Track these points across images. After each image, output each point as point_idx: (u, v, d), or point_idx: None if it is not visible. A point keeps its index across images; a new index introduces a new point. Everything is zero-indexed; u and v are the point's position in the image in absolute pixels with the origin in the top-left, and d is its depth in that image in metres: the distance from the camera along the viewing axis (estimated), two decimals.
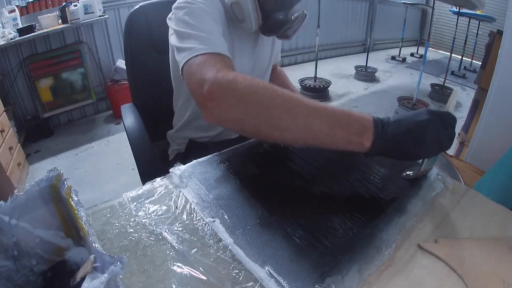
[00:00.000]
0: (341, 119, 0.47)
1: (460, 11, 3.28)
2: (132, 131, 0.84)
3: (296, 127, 0.47)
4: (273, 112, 0.47)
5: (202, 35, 0.57)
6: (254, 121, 0.49)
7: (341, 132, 0.46)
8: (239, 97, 0.48)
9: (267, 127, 0.48)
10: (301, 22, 0.77)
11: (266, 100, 0.48)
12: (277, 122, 0.47)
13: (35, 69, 2.25)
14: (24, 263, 0.41)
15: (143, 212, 0.50)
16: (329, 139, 0.47)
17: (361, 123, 0.47)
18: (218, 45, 0.57)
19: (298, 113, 0.47)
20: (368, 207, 0.52)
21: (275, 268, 0.41)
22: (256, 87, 0.48)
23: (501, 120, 1.24)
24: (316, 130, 0.47)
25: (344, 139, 0.47)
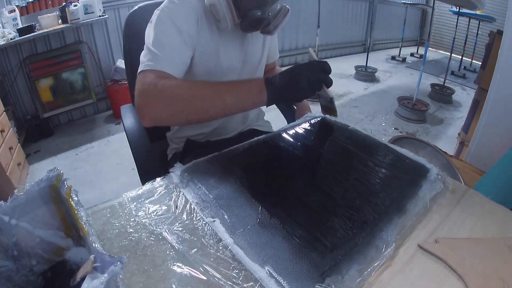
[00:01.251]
0: (243, 88, 0.61)
1: (460, 11, 3.28)
2: (131, 132, 0.84)
3: (215, 107, 0.61)
4: (196, 103, 0.60)
5: (154, 51, 0.65)
6: (182, 115, 0.61)
7: (247, 99, 0.61)
8: (166, 101, 0.60)
9: (194, 115, 0.62)
10: (283, 17, 0.78)
11: (186, 95, 0.60)
12: (200, 110, 0.61)
13: (35, 69, 2.24)
14: (24, 263, 0.41)
15: (143, 212, 0.50)
16: (240, 106, 0.62)
17: (257, 85, 0.60)
18: (164, 62, 0.65)
19: (213, 96, 0.60)
20: (368, 207, 0.52)
21: (275, 268, 0.41)
22: (178, 87, 0.61)
23: (501, 120, 1.24)
24: (229, 103, 0.60)
25: (250, 102, 0.61)
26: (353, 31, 4.59)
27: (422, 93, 3.11)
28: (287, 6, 0.79)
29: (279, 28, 0.79)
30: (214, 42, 0.76)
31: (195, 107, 0.60)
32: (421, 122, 2.64)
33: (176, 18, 0.67)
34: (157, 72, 0.63)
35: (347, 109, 2.87)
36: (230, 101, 0.60)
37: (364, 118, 2.69)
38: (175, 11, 0.68)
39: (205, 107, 0.61)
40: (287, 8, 0.78)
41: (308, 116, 0.86)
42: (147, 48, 0.66)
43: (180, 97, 0.60)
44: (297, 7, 3.70)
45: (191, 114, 0.61)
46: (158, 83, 0.60)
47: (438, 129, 2.57)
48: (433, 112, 2.86)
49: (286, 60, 3.99)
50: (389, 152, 0.69)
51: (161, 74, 0.63)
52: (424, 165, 0.64)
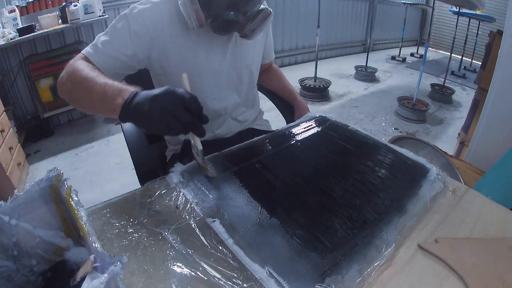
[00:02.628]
0: (108, 91, 0.56)
1: (460, 11, 3.28)
2: (130, 133, 0.84)
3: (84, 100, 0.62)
4: (75, 88, 0.62)
5: (98, 40, 0.69)
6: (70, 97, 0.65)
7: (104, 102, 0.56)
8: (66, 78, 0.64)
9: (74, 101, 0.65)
10: (262, 20, 0.73)
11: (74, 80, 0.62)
12: (76, 97, 0.64)
13: (35, 69, 2.24)
14: (24, 263, 0.41)
15: (143, 212, 0.50)
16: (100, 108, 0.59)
17: (120, 94, 0.53)
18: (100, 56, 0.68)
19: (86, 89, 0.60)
20: (368, 207, 0.52)
21: (275, 268, 0.41)
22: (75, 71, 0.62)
23: (501, 120, 1.24)
24: (93, 102, 0.59)
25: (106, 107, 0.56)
26: (353, 31, 4.59)
27: (422, 93, 3.11)
28: (269, 9, 0.74)
29: (257, 32, 0.74)
30: (192, 45, 0.74)
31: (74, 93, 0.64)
32: (421, 122, 2.64)
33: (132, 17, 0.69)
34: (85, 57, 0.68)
35: (347, 109, 2.87)
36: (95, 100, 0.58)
37: (364, 118, 2.69)
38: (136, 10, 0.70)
39: (78, 97, 0.63)
40: (268, 10, 0.74)
41: (308, 116, 0.86)
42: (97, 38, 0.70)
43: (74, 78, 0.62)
44: (297, 7, 3.70)
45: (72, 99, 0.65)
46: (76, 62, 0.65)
47: (438, 129, 2.57)
48: (433, 112, 2.86)
49: (286, 60, 3.99)
50: (389, 152, 0.69)
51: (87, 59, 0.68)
52: (424, 165, 0.64)
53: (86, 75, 0.61)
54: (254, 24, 0.73)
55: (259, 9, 0.73)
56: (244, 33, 0.74)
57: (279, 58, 3.82)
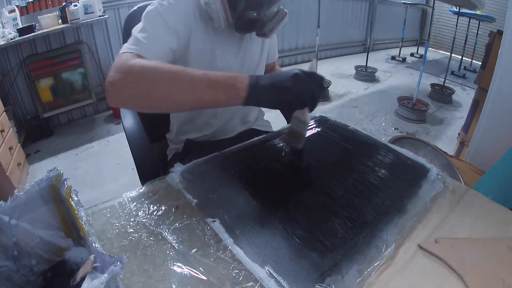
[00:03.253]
0: (221, 81, 0.54)
1: (460, 11, 3.28)
2: (131, 132, 0.84)
3: (182, 95, 0.55)
4: (162, 84, 0.54)
5: (139, 38, 0.63)
6: (147, 95, 0.55)
7: (220, 92, 0.54)
8: (133, 78, 0.55)
9: (158, 99, 0.55)
10: (280, 20, 0.77)
11: (155, 76, 0.54)
12: (166, 93, 0.54)
13: (35, 69, 2.24)
14: (24, 263, 0.41)
15: (143, 212, 0.50)
16: (211, 100, 0.54)
17: (238, 80, 0.54)
18: (147, 49, 0.62)
19: (183, 83, 0.54)
20: (368, 207, 0.52)
21: (275, 268, 0.41)
22: (148, 67, 0.55)
23: (501, 120, 1.24)
24: (199, 94, 0.54)
25: (223, 96, 0.54)
26: (353, 31, 4.59)
27: (422, 93, 3.11)
28: (285, 10, 0.78)
29: (274, 31, 0.77)
30: (210, 43, 0.75)
31: (160, 89, 0.54)
32: (421, 122, 2.64)
33: (165, 12, 0.67)
34: (136, 55, 0.61)
35: (347, 109, 2.87)
36: (202, 91, 0.54)
37: (364, 118, 2.69)
38: (165, 7, 0.68)
39: (172, 92, 0.54)
40: (284, 11, 0.77)
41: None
42: (133, 35, 0.65)
43: (148, 75, 0.55)
44: (297, 7, 3.70)
45: (155, 96, 0.55)
46: (131, 60, 0.57)
47: (438, 129, 2.57)
48: (433, 112, 2.86)
49: (286, 60, 3.99)
50: (389, 152, 0.69)
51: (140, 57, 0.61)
52: (424, 165, 0.64)
53: (172, 69, 0.55)
54: (273, 23, 0.76)
55: (277, 10, 0.77)
56: (263, 32, 0.77)
57: (279, 58, 3.79)
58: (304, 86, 0.54)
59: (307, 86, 0.54)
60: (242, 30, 0.73)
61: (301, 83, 0.53)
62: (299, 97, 0.53)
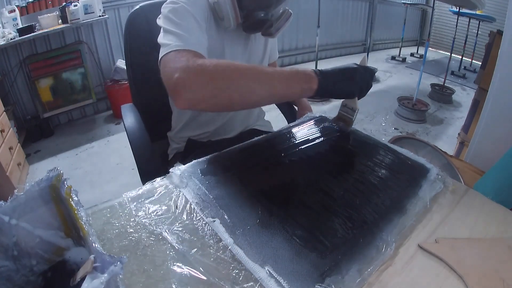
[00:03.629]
0: (293, 75, 0.58)
1: (460, 11, 3.28)
2: (132, 131, 0.84)
3: (261, 89, 0.57)
4: (240, 81, 0.55)
5: (180, 33, 0.62)
6: (225, 94, 0.55)
7: (296, 85, 0.58)
8: (209, 77, 0.54)
9: (237, 96, 0.56)
10: (285, 20, 0.79)
11: (233, 74, 0.55)
12: (246, 90, 0.56)
13: (35, 69, 2.24)
14: (24, 263, 0.41)
15: (143, 212, 0.50)
16: (288, 92, 0.59)
17: (306, 74, 0.59)
18: (194, 42, 0.62)
19: (261, 78, 0.57)
20: (368, 207, 0.52)
21: (275, 268, 0.41)
22: (223, 65, 0.56)
23: (501, 120, 1.24)
24: (276, 88, 0.58)
25: (298, 89, 0.59)
26: (353, 31, 4.59)
27: (422, 93, 3.11)
28: (290, 10, 0.79)
29: (281, 31, 0.80)
30: (220, 41, 0.76)
31: (240, 86, 0.55)
32: (421, 122, 2.64)
33: (191, 9, 0.67)
34: (191, 52, 0.60)
35: None
36: (279, 85, 0.57)
37: (364, 118, 2.69)
38: (190, 3, 0.67)
39: (251, 87, 0.56)
40: (289, 11, 0.79)
41: (308, 116, 0.86)
42: (169, 31, 0.63)
43: (224, 74, 0.55)
44: (297, 7, 3.70)
45: (235, 93, 0.55)
46: (198, 60, 0.56)
47: (438, 129, 2.57)
48: (433, 112, 2.86)
49: (286, 60, 3.99)
50: (389, 152, 0.69)
51: (195, 53, 0.60)
52: (424, 165, 0.64)
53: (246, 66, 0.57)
54: (279, 23, 0.79)
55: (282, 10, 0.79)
56: (269, 31, 0.79)
57: (279, 58, 3.80)
58: (364, 78, 0.63)
59: (366, 78, 0.63)
60: (250, 30, 0.75)
61: (362, 76, 0.62)
62: (360, 88, 0.63)
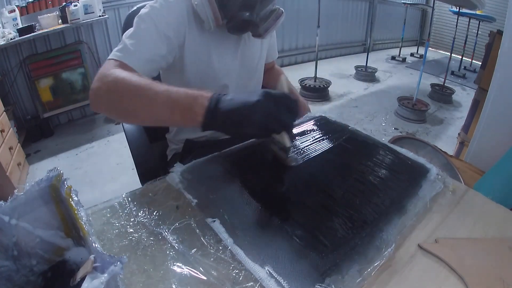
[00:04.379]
0: (179, 100, 0.52)
1: (460, 11, 3.28)
2: (131, 133, 0.84)
3: (142, 111, 0.55)
4: (126, 100, 0.55)
5: (127, 45, 0.63)
6: (115, 109, 0.57)
7: (177, 112, 0.52)
8: (106, 88, 0.56)
9: (124, 113, 0.57)
10: (275, 20, 0.75)
11: (121, 90, 0.55)
12: (130, 108, 0.55)
13: (35, 69, 2.24)
14: (24, 263, 0.41)
15: (143, 212, 0.50)
16: (167, 119, 0.55)
17: (196, 101, 0.50)
18: (133, 57, 0.62)
19: (143, 99, 0.54)
20: (368, 207, 0.52)
21: (275, 268, 0.41)
22: (120, 79, 0.55)
23: (501, 120, 1.24)
24: (157, 113, 0.54)
25: (180, 118, 0.52)
26: (353, 31, 4.59)
27: (422, 93, 3.11)
28: (281, 9, 0.76)
29: (270, 31, 0.75)
30: (205, 44, 0.74)
31: (125, 105, 0.55)
32: (421, 122, 2.64)
33: (156, 17, 0.66)
34: (119, 63, 0.61)
35: (347, 109, 2.87)
36: (160, 110, 0.53)
37: (364, 118, 2.69)
38: (157, 10, 0.67)
39: (134, 107, 0.55)
40: (280, 10, 0.76)
41: (308, 116, 0.86)
42: (123, 39, 0.65)
43: (116, 90, 0.55)
44: (297, 7, 3.70)
45: (121, 111, 0.57)
46: (110, 69, 0.58)
47: (438, 129, 2.57)
48: (433, 112, 2.86)
49: (286, 60, 3.99)
50: (389, 152, 0.69)
51: (123, 66, 0.61)
52: (424, 165, 0.64)
53: (139, 83, 0.54)
54: (268, 23, 0.75)
55: (272, 9, 0.75)
56: (258, 32, 0.75)
57: (279, 58, 3.79)
58: (268, 115, 0.47)
59: (272, 113, 0.48)
60: (234, 31, 0.72)
61: (264, 112, 0.47)
62: (263, 128, 0.48)
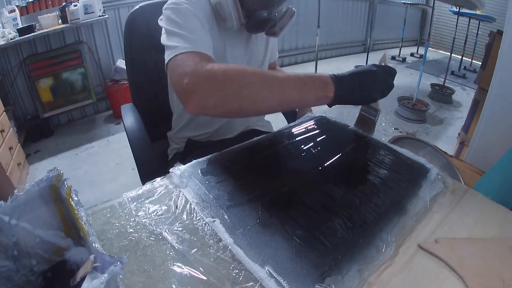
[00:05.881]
0: (307, 82, 0.55)
1: (460, 11, 3.28)
2: (132, 131, 0.84)
3: (272, 96, 0.55)
4: (250, 88, 0.54)
5: (186, 34, 0.61)
6: (235, 100, 0.54)
7: (309, 92, 0.55)
8: (218, 83, 0.53)
9: (247, 103, 0.55)
10: (289, 19, 0.78)
11: (243, 80, 0.54)
12: (256, 96, 0.54)
13: (35, 69, 2.24)
14: (24, 263, 0.41)
15: (143, 212, 0.50)
16: (300, 100, 0.57)
17: (322, 80, 0.56)
18: (200, 44, 0.61)
19: (272, 85, 0.54)
20: (368, 207, 0.52)
21: (275, 268, 0.41)
22: (232, 71, 0.54)
23: (501, 120, 1.24)
24: (288, 95, 0.55)
25: (313, 97, 0.56)
26: (353, 31, 4.59)
27: (422, 93, 3.11)
28: (293, 8, 0.79)
29: (284, 29, 0.79)
30: (222, 42, 0.76)
31: (249, 93, 0.54)
32: (421, 122, 2.64)
33: (194, 9, 0.66)
34: (199, 54, 0.59)
35: (347, 109, 2.86)
36: (291, 92, 0.55)
37: None
38: (192, 4, 0.67)
39: (262, 95, 0.54)
40: (292, 10, 0.79)
41: (308, 116, 0.86)
42: (174, 33, 0.62)
43: (234, 80, 0.53)
44: (297, 7, 3.69)
45: (244, 101, 0.54)
46: (207, 65, 0.55)
47: (438, 129, 2.57)
48: (433, 112, 2.86)
49: (286, 60, 3.99)
50: (389, 152, 0.69)
51: (203, 56, 0.59)
52: (424, 165, 0.64)
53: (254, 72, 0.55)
54: (283, 22, 0.77)
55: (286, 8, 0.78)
56: (273, 31, 0.78)
57: (279, 58, 3.79)
58: (384, 81, 0.60)
59: (386, 80, 0.60)
60: (253, 30, 0.74)
61: (381, 79, 0.59)
62: (381, 92, 0.60)
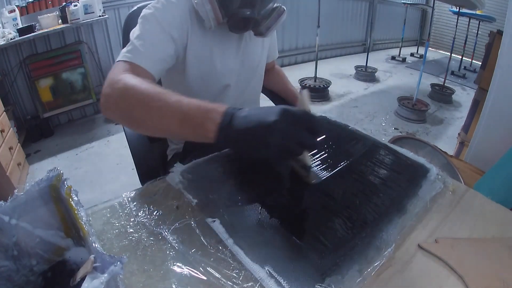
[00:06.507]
0: (190, 113, 0.48)
1: (460, 11, 3.28)
2: (131, 132, 0.84)
3: (151, 122, 0.52)
4: (135, 109, 0.52)
5: (136, 45, 0.63)
6: (126, 117, 0.55)
7: (187, 126, 0.48)
8: (117, 95, 0.54)
9: (132, 122, 0.55)
10: (277, 18, 0.74)
11: (131, 99, 0.52)
12: (140, 121, 0.53)
13: (35, 69, 2.24)
14: (24, 263, 0.41)
15: (143, 212, 0.50)
16: (180, 133, 0.51)
17: (208, 116, 0.46)
18: (142, 58, 0.62)
19: (153, 110, 0.50)
20: (368, 207, 0.52)
21: (275, 268, 0.41)
22: (129, 86, 0.53)
23: (501, 120, 1.24)
24: (166, 124, 0.50)
25: (190, 132, 0.49)
26: (353, 31, 4.59)
27: (422, 93, 3.11)
28: (283, 7, 0.75)
29: (272, 29, 0.75)
30: (207, 44, 0.74)
31: (137, 112, 0.52)
32: (421, 122, 2.64)
33: (160, 17, 0.66)
34: (131, 65, 0.61)
35: (347, 109, 2.87)
36: (169, 123, 0.50)
37: (364, 118, 2.69)
38: (160, 11, 0.67)
39: (145, 117, 0.52)
40: (282, 8, 0.75)
41: None
42: (130, 40, 0.65)
43: (128, 94, 0.52)
44: (297, 7, 3.70)
45: (133, 119, 0.54)
46: (120, 74, 0.56)
47: (438, 129, 2.57)
48: (433, 112, 2.86)
49: (286, 60, 3.99)
50: (389, 152, 0.69)
51: (134, 67, 0.61)
52: (424, 165, 0.64)
53: (148, 92, 0.51)
54: (270, 21, 0.74)
55: (274, 7, 0.75)
56: (259, 30, 0.75)
57: (279, 58, 3.79)
58: (287, 137, 0.42)
59: (292, 135, 0.43)
60: (235, 29, 0.72)
61: (282, 134, 0.42)
62: (282, 151, 0.43)
